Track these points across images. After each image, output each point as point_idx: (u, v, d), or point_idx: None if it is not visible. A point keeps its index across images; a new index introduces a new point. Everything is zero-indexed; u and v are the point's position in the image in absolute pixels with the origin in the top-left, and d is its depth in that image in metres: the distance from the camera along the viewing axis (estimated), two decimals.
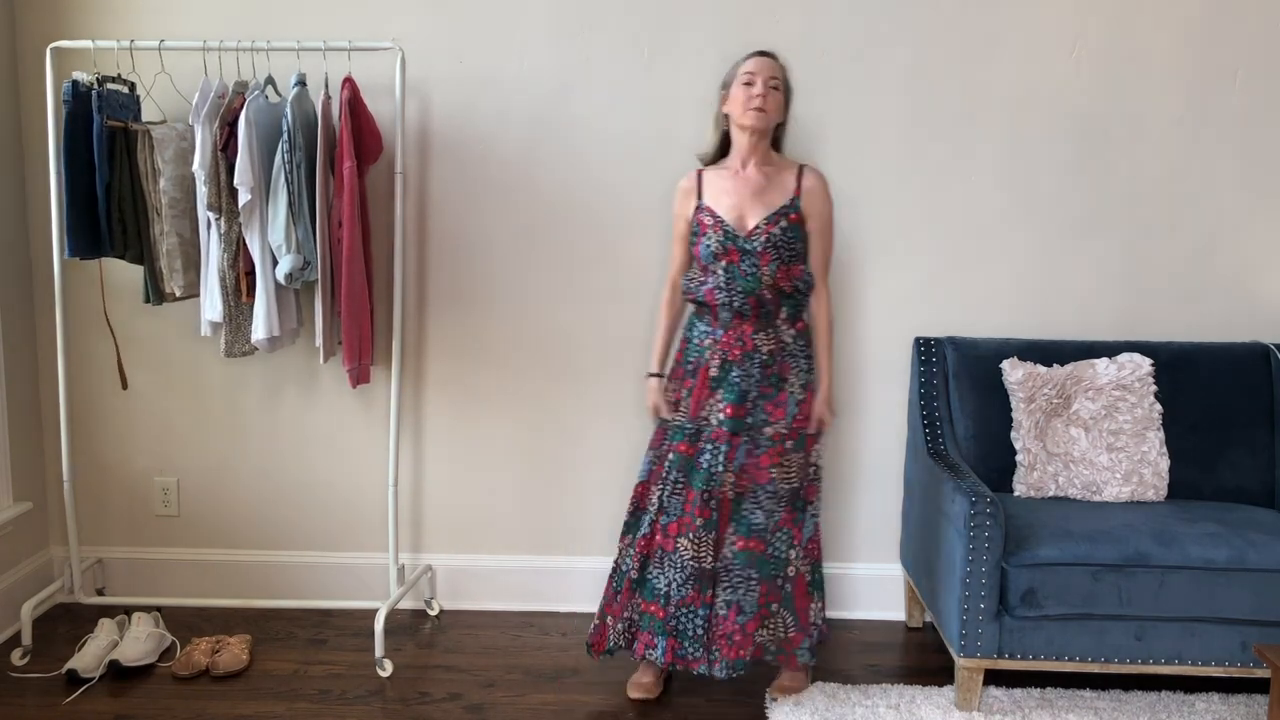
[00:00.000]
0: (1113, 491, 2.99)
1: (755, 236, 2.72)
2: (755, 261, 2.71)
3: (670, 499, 2.78)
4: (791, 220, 2.75)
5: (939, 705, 2.81)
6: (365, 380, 3.12)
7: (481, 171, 3.28)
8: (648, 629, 2.80)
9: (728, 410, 2.75)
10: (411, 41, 3.18)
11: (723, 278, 2.73)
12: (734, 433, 2.75)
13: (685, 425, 2.80)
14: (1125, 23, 3.16)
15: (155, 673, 2.98)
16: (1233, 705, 2.82)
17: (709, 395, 2.78)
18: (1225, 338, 3.23)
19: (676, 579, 2.76)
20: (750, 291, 2.72)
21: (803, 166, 2.81)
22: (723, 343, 2.76)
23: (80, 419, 3.36)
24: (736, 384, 2.75)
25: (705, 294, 2.76)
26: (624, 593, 2.85)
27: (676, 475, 2.78)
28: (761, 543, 2.76)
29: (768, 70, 2.73)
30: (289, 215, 2.89)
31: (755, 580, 2.77)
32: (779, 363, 2.77)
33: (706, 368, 2.78)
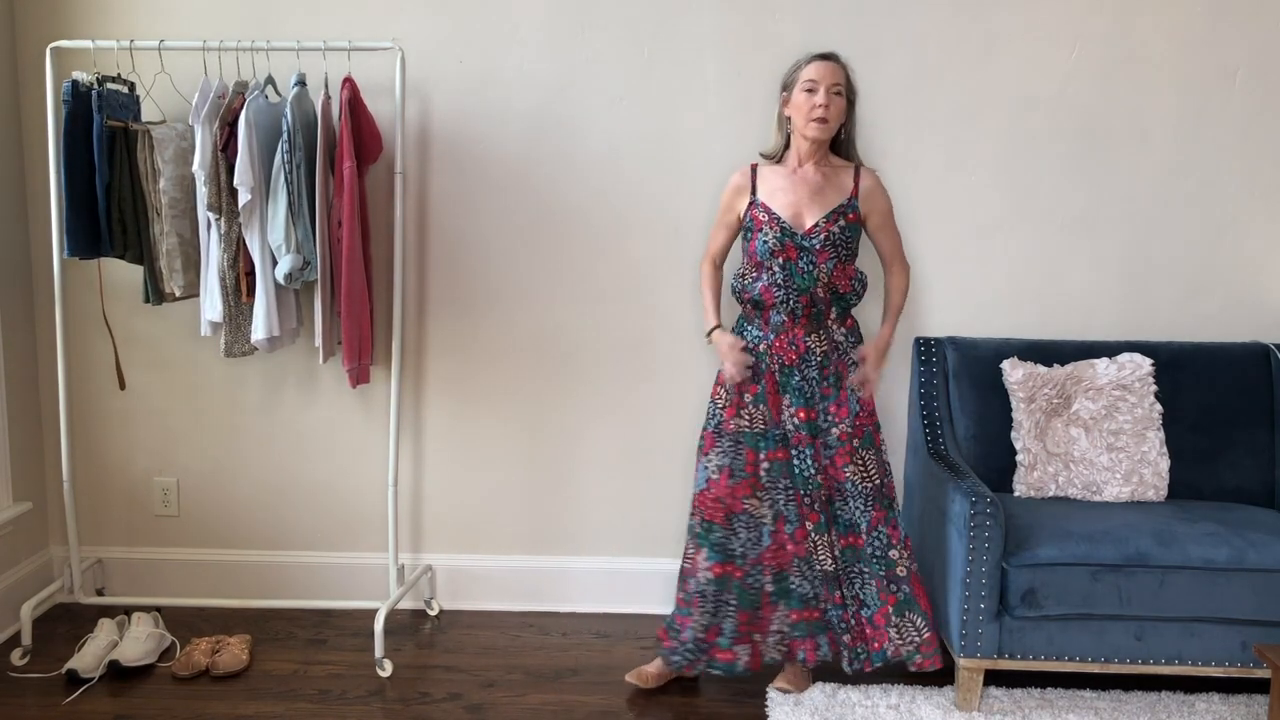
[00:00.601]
0: (1113, 491, 2.99)
1: (815, 234, 2.70)
2: (813, 259, 2.70)
3: (787, 507, 2.78)
4: (850, 220, 2.74)
5: (939, 705, 2.80)
6: (365, 380, 3.12)
7: (481, 171, 3.28)
8: (806, 634, 2.82)
9: (800, 414, 2.75)
10: (411, 41, 3.18)
11: (779, 275, 2.72)
12: (813, 435, 2.76)
13: (773, 432, 2.77)
14: (1125, 23, 3.16)
15: (155, 673, 2.98)
16: (1233, 705, 2.82)
17: (780, 401, 2.76)
18: (1225, 338, 3.23)
19: (817, 578, 2.79)
20: (805, 289, 2.71)
21: (859, 167, 2.80)
22: (775, 347, 2.75)
23: (80, 419, 3.36)
24: (801, 388, 2.75)
25: (761, 290, 2.74)
26: (765, 607, 2.83)
27: (785, 482, 2.78)
28: (859, 538, 2.77)
29: (831, 76, 2.67)
30: (289, 215, 2.89)
31: (868, 574, 2.77)
32: (834, 362, 2.77)
33: (770, 373, 2.76)
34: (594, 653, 3.15)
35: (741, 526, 2.79)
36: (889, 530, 2.77)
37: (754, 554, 2.81)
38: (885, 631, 2.77)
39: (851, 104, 2.76)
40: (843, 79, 2.71)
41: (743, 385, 2.78)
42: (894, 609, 2.76)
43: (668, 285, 3.29)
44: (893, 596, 2.76)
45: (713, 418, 2.83)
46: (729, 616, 2.82)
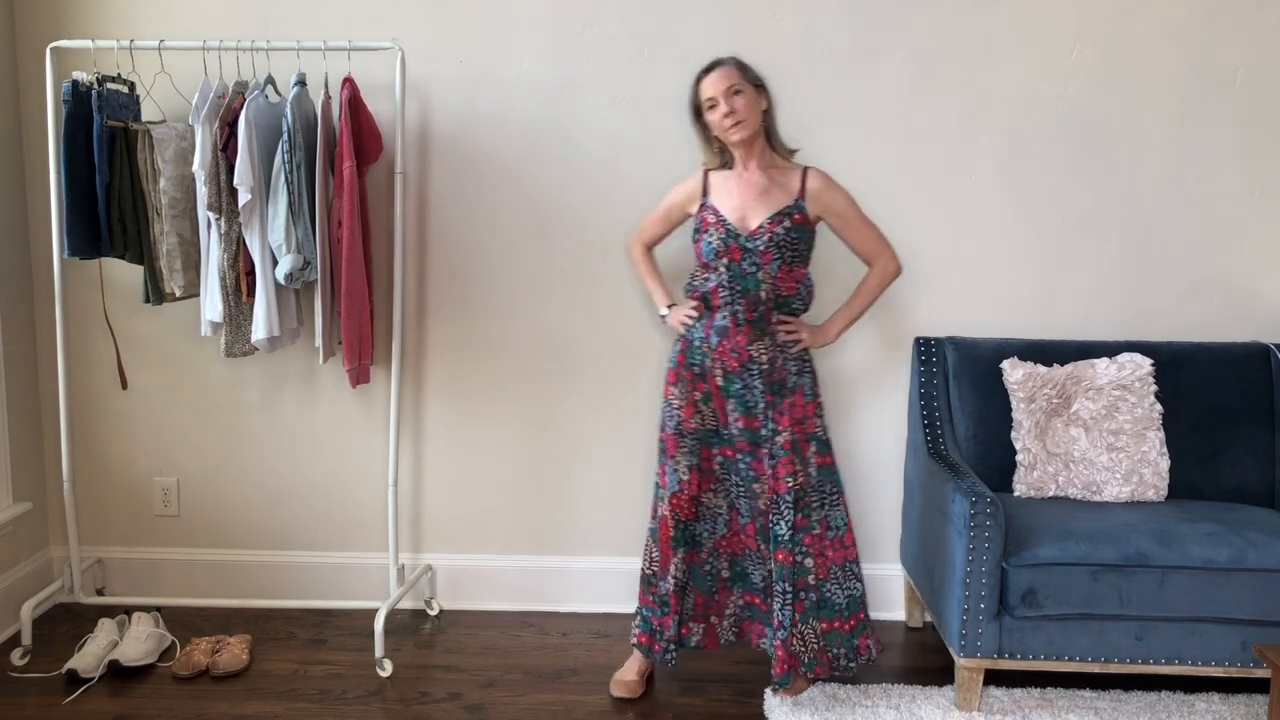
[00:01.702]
0: (1113, 491, 2.99)
1: (758, 235, 2.71)
2: (756, 260, 2.70)
3: (740, 500, 2.83)
4: (796, 220, 2.73)
5: (939, 705, 2.80)
6: (365, 380, 3.12)
7: (481, 171, 3.28)
8: (756, 619, 2.88)
9: (741, 421, 2.76)
10: (411, 41, 3.18)
11: (725, 275, 2.73)
12: (755, 444, 2.76)
13: (722, 431, 2.80)
14: (1125, 23, 3.16)
15: (155, 673, 2.98)
16: (1233, 705, 2.82)
17: (724, 403, 2.77)
18: (1225, 338, 3.23)
19: (768, 574, 2.82)
20: (748, 291, 2.71)
21: (807, 168, 2.79)
22: (718, 351, 2.74)
23: (80, 419, 3.36)
24: (741, 396, 2.75)
25: (710, 290, 2.75)
26: (720, 590, 2.89)
27: (736, 478, 2.81)
28: (789, 554, 2.76)
29: (723, 83, 2.68)
30: (289, 215, 2.89)
31: (790, 594, 2.76)
32: (778, 369, 2.76)
33: (712, 376, 2.77)
34: (594, 653, 3.15)
35: (702, 517, 2.85)
36: (805, 538, 2.77)
37: (710, 542, 2.87)
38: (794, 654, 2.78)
39: (760, 86, 2.74)
40: (736, 77, 2.70)
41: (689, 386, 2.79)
42: (800, 619, 2.78)
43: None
44: (801, 606, 2.78)
45: (671, 419, 2.83)
46: (688, 597, 2.88)
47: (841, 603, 2.81)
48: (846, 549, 2.82)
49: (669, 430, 2.83)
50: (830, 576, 2.80)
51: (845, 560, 2.82)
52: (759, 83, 2.74)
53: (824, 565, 2.79)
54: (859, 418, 3.34)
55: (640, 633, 2.92)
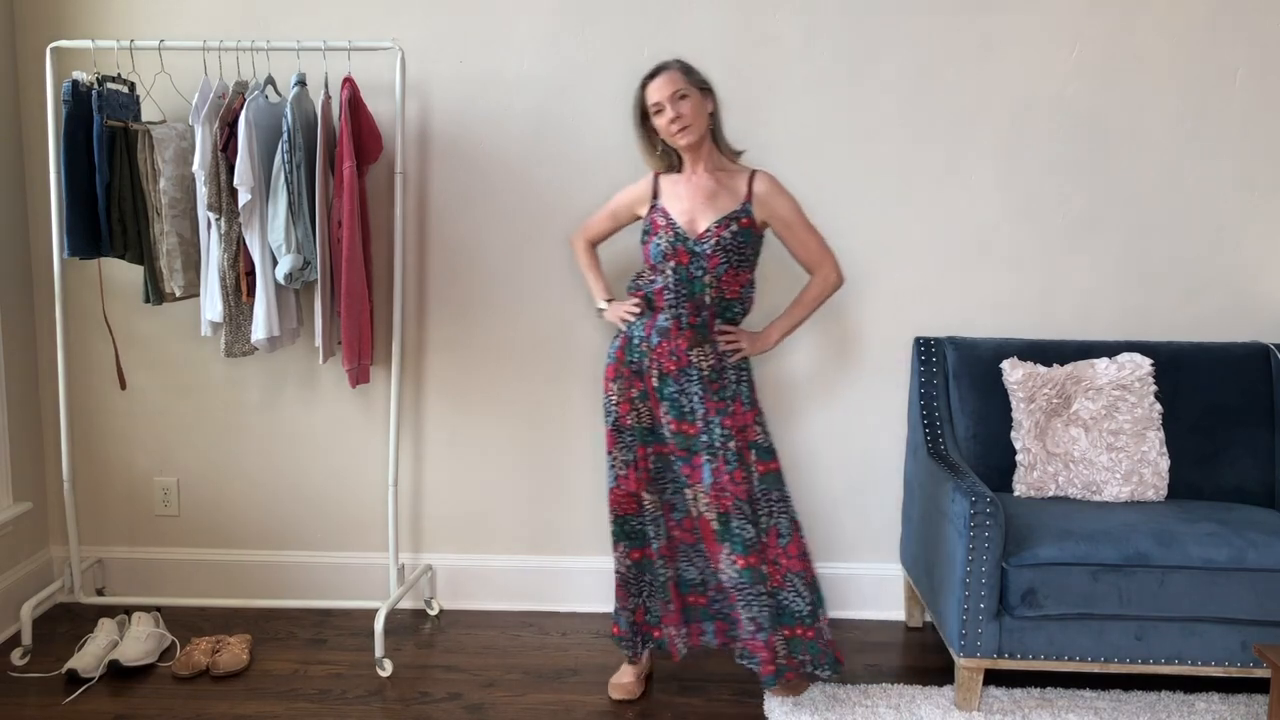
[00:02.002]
0: (1113, 491, 2.99)
1: (705, 239, 2.70)
2: (703, 264, 2.70)
3: (674, 496, 2.82)
4: (743, 225, 2.71)
5: (939, 705, 2.80)
6: (365, 380, 3.12)
7: (481, 172, 3.28)
8: (696, 619, 2.88)
9: (672, 424, 2.73)
10: (411, 41, 3.18)
11: (671, 278, 2.72)
12: (690, 451, 2.73)
13: (657, 429, 2.78)
14: (1125, 23, 3.16)
15: (155, 673, 2.98)
16: (1233, 705, 2.82)
17: (658, 404, 2.75)
18: (1225, 338, 3.23)
19: (707, 567, 2.83)
20: (693, 295, 2.71)
21: (754, 172, 2.77)
22: (657, 352, 2.73)
23: (80, 419, 3.36)
24: (674, 398, 2.73)
25: (655, 292, 2.74)
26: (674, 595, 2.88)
27: (670, 474, 2.81)
28: (759, 557, 2.74)
29: (668, 88, 2.64)
30: (289, 215, 2.89)
31: (765, 594, 2.75)
32: (720, 376, 2.74)
33: (649, 376, 2.75)
34: (594, 653, 3.15)
35: (649, 514, 2.83)
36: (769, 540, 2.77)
37: (656, 546, 2.84)
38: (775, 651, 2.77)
39: (707, 90, 2.71)
40: (681, 81, 2.67)
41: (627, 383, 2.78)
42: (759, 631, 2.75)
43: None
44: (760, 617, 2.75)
45: (609, 414, 2.82)
46: (652, 596, 2.88)
47: (802, 610, 2.78)
48: (799, 555, 2.78)
49: (609, 427, 2.82)
50: (786, 584, 2.77)
51: (802, 568, 2.78)
52: (705, 85, 2.71)
53: (778, 573, 2.77)
54: (859, 418, 3.34)
55: (614, 623, 2.94)
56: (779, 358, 3.32)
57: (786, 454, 3.37)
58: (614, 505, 2.84)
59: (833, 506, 3.38)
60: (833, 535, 3.39)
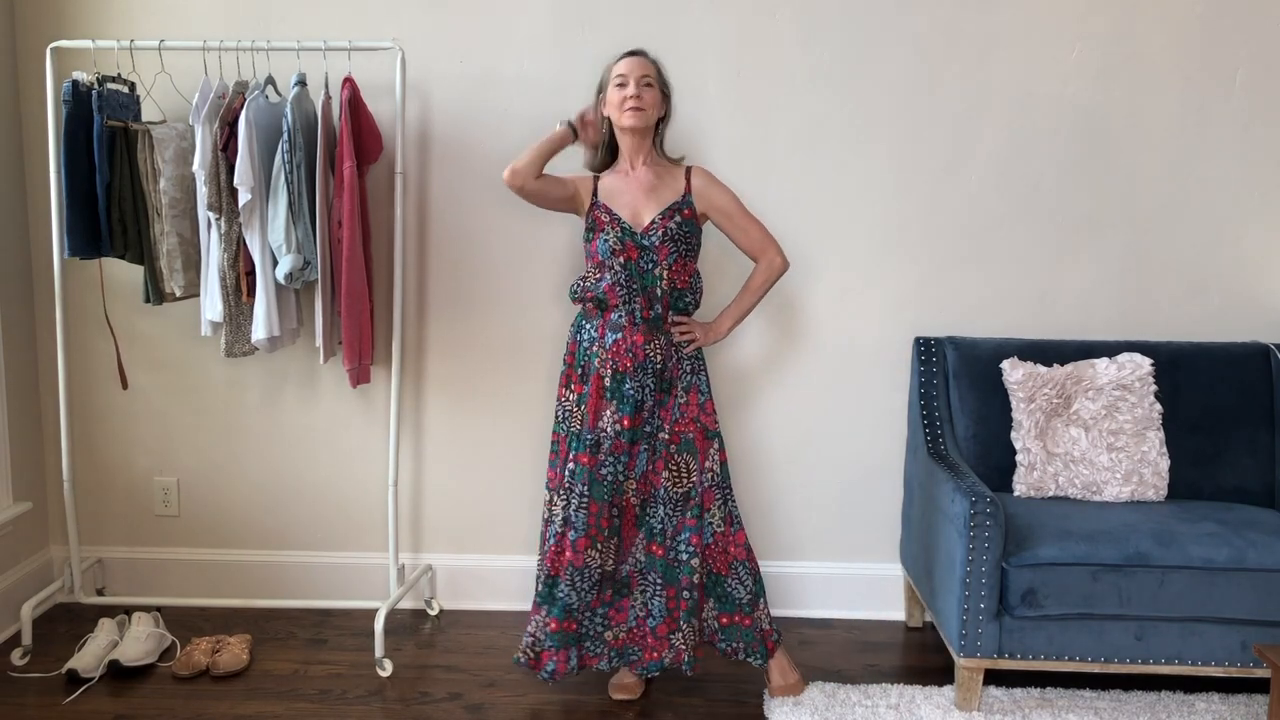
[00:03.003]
0: (1113, 491, 2.99)
1: (652, 232, 2.73)
2: (653, 256, 2.73)
3: (577, 513, 2.75)
4: (685, 216, 2.76)
5: (939, 705, 2.80)
6: (365, 380, 3.12)
7: (482, 171, 3.27)
8: (561, 645, 2.77)
9: (624, 422, 2.73)
10: (411, 41, 3.18)
11: (621, 274, 2.73)
12: (632, 441, 2.75)
13: (585, 435, 2.76)
14: (1125, 23, 3.16)
15: (155, 673, 2.98)
16: (1233, 705, 2.82)
17: (604, 406, 2.75)
18: (1225, 338, 3.23)
19: (585, 588, 2.76)
20: (645, 289, 2.73)
21: (690, 167, 2.83)
22: (611, 351, 2.74)
23: (80, 419, 3.36)
24: (631, 395, 2.73)
25: (605, 289, 2.75)
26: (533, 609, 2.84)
27: (581, 488, 2.75)
28: (662, 547, 2.77)
29: (639, 69, 2.72)
30: (289, 215, 2.89)
31: (660, 585, 2.78)
32: (671, 368, 2.77)
33: (599, 376, 2.76)
34: None
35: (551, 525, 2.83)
36: (692, 538, 2.76)
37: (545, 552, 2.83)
38: (666, 641, 2.78)
39: (666, 96, 2.79)
40: (653, 72, 2.74)
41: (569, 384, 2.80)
42: (682, 616, 2.76)
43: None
44: (684, 603, 2.76)
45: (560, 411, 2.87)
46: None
47: (743, 597, 2.81)
48: (744, 545, 2.83)
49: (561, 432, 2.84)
50: (732, 572, 2.81)
51: (746, 556, 2.82)
52: (666, 91, 2.79)
53: (726, 561, 2.81)
54: (858, 418, 3.34)
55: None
56: (779, 358, 3.32)
57: (786, 453, 3.37)
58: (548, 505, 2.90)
59: (833, 506, 3.38)
60: (833, 535, 3.39)
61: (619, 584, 2.82)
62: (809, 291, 3.29)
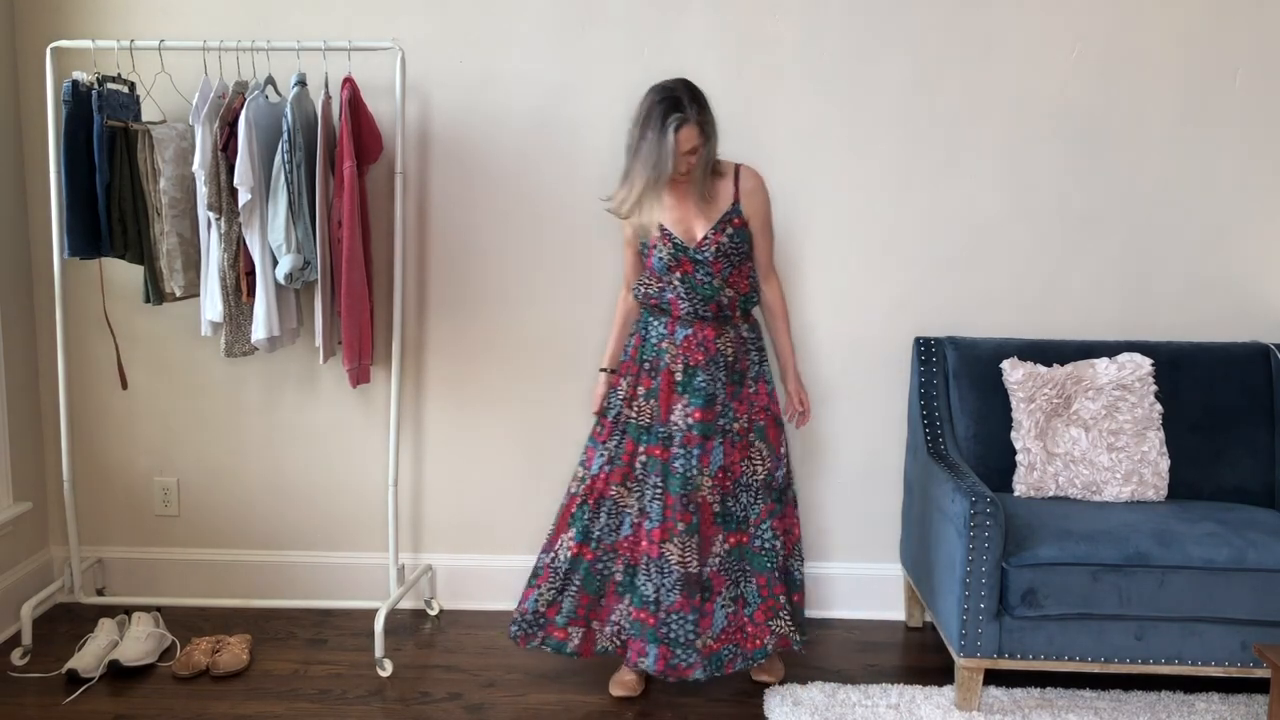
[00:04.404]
0: (1113, 491, 2.99)
1: (705, 247, 2.74)
2: (709, 270, 2.75)
3: (652, 504, 2.77)
4: (736, 225, 2.77)
5: (939, 705, 2.80)
6: (365, 380, 3.12)
7: (481, 171, 3.28)
8: (640, 636, 2.77)
9: (696, 414, 2.76)
10: (411, 41, 3.18)
11: (681, 289, 2.76)
12: (706, 436, 2.77)
13: (657, 429, 2.79)
14: (1125, 23, 3.16)
15: (155, 673, 2.98)
16: (1233, 705, 2.82)
17: (675, 399, 2.78)
18: (1225, 338, 3.23)
19: (664, 585, 2.75)
20: (710, 298, 2.76)
21: (738, 167, 2.81)
22: (683, 346, 2.77)
23: (80, 419, 3.36)
24: (703, 388, 2.76)
25: (669, 301, 2.78)
26: (609, 595, 2.85)
27: (655, 480, 2.77)
28: (746, 535, 2.82)
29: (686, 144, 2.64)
30: (289, 215, 2.89)
31: (750, 571, 2.82)
32: (740, 359, 2.82)
33: (669, 371, 2.78)
34: None
35: (605, 512, 2.83)
36: (774, 523, 2.82)
37: (610, 540, 2.84)
38: (765, 628, 2.81)
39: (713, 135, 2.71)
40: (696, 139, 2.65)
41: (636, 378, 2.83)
42: (777, 595, 2.83)
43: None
44: (777, 587, 2.83)
45: (611, 407, 2.88)
46: (570, 596, 2.85)
47: (800, 577, 2.92)
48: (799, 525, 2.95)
49: (607, 417, 2.87)
50: (794, 553, 2.89)
51: (800, 537, 2.94)
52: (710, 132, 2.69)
53: (791, 542, 2.88)
54: (859, 418, 3.34)
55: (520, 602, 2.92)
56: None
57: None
58: (582, 494, 2.86)
59: (833, 506, 3.38)
60: (833, 535, 3.39)
61: (703, 587, 2.79)
62: (809, 291, 3.29)
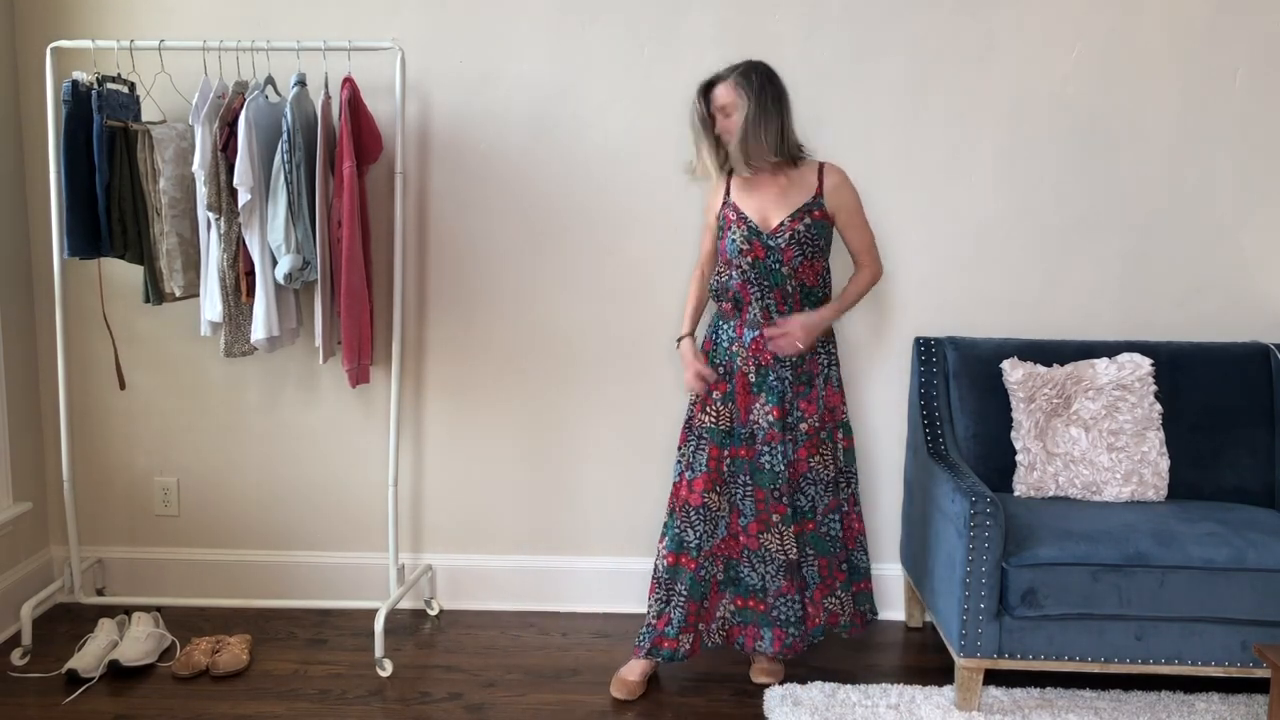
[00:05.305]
0: (1113, 491, 2.99)
1: (780, 234, 2.77)
2: (779, 257, 2.77)
3: (744, 502, 2.86)
4: (815, 217, 2.79)
5: (939, 705, 2.81)
6: (365, 380, 3.12)
7: (481, 171, 3.28)
8: (752, 622, 2.89)
9: (774, 413, 2.81)
10: (411, 41, 3.18)
11: (750, 273, 2.79)
12: (783, 431, 2.83)
13: (739, 430, 2.84)
14: (1125, 23, 3.16)
15: (155, 673, 2.98)
16: (1233, 705, 2.82)
17: (753, 400, 2.83)
18: (1225, 338, 3.23)
19: (769, 572, 2.85)
20: (776, 285, 2.79)
21: (823, 164, 2.85)
22: (751, 348, 2.81)
23: (80, 419, 3.36)
24: (776, 387, 2.82)
25: (736, 286, 2.82)
26: (712, 596, 2.91)
27: (745, 478, 2.85)
28: (811, 522, 2.89)
29: (720, 99, 2.74)
30: (288, 215, 2.89)
31: (813, 555, 2.90)
32: (808, 361, 2.85)
33: (743, 374, 2.83)
34: (594, 653, 3.15)
35: (699, 519, 2.86)
36: (839, 517, 2.93)
37: (708, 546, 2.88)
38: (821, 605, 2.93)
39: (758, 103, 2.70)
40: (730, 99, 2.72)
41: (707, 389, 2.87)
42: (840, 585, 2.94)
43: (667, 284, 3.29)
44: (839, 573, 2.94)
45: (688, 413, 2.92)
46: (679, 606, 2.88)
47: (865, 566, 3.02)
48: (861, 519, 3.02)
49: (684, 425, 2.92)
50: (858, 545, 3.00)
51: (861, 529, 3.02)
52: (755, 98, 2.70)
53: (852, 536, 2.98)
54: (859, 418, 3.34)
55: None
56: None
57: None
58: (670, 502, 2.91)
59: None
60: None
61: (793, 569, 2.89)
62: None
